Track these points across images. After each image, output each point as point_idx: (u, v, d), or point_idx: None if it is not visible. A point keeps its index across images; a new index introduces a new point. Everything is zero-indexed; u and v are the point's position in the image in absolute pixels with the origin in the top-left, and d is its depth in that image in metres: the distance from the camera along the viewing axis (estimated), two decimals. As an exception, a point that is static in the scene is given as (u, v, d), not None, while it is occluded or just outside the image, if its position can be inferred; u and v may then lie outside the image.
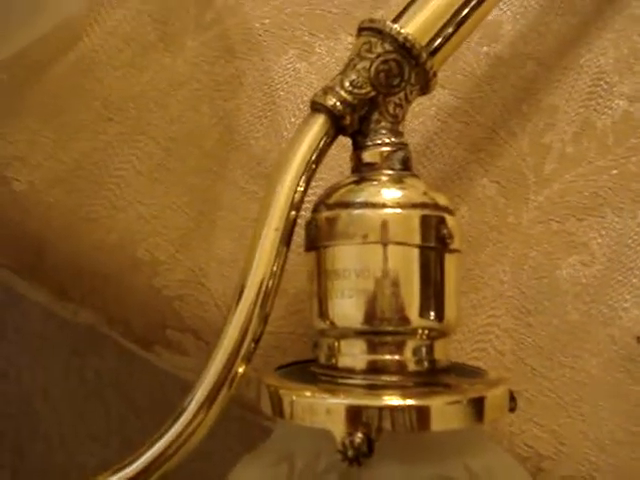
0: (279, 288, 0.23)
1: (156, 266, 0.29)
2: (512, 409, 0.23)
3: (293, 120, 0.30)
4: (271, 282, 0.23)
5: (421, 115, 0.30)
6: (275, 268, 0.23)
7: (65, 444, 0.60)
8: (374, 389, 0.22)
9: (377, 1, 0.31)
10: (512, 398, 0.23)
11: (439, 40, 0.24)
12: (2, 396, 0.61)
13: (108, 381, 0.59)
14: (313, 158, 0.23)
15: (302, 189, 0.23)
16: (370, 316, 0.22)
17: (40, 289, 0.32)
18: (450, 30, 0.24)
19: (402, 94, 0.24)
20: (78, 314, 0.32)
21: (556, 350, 0.28)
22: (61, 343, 0.60)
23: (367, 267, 0.22)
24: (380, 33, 0.23)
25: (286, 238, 0.23)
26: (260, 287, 0.22)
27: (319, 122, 0.23)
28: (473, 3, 0.25)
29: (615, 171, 0.29)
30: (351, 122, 0.23)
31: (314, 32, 0.31)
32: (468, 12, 0.25)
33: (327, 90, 0.23)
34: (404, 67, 0.23)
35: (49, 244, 0.30)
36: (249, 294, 0.22)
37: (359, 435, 0.20)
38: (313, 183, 0.24)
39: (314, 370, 0.23)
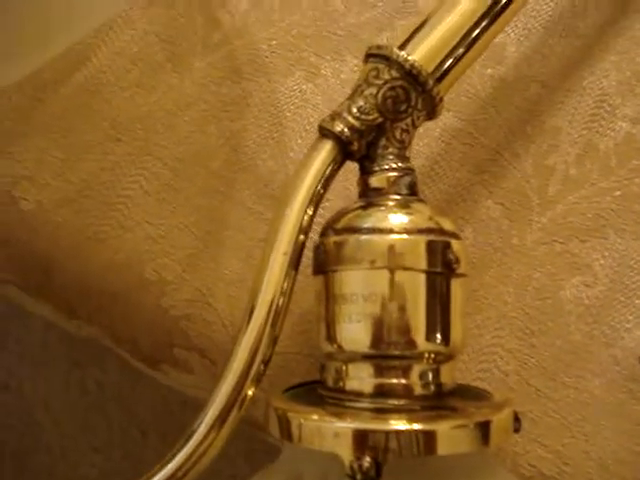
0: (288, 309, 0.23)
1: (163, 286, 0.29)
2: (517, 430, 0.23)
3: (299, 141, 0.30)
4: (281, 304, 0.23)
5: (425, 137, 0.30)
6: (284, 290, 0.23)
7: (67, 456, 0.60)
8: (381, 413, 0.22)
9: (383, 24, 0.31)
10: (516, 419, 0.23)
11: (445, 66, 0.24)
12: (3, 407, 0.61)
13: (110, 393, 0.59)
14: (321, 183, 0.23)
15: (310, 213, 0.23)
16: (377, 340, 0.22)
17: (47, 307, 0.32)
18: (456, 56, 0.25)
19: (409, 120, 0.24)
20: (82, 328, 0.32)
21: (559, 370, 0.28)
22: (63, 355, 0.60)
23: (374, 292, 0.22)
24: (387, 60, 0.24)
25: (295, 262, 0.23)
26: (270, 309, 0.23)
27: (327, 148, 0.24)
28: (479, 29, 0.25)
29: (618, 192, 0.29)
30: (359, 148, 0.24)
31: (320, 54, 0.31)
32: (474, 38, 0.25)
33: (335, 116, 0.24)
34: (411, 93, 0.24)
35: (57, 263, 0.30)
36: (259, 317, 0.23)
37: (367, 459, 0.20)
38: (321, 205, 0.24)
39: (322, 393, 0.24)
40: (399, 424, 0.21)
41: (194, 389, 0.31)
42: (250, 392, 0.22)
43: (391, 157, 0.24)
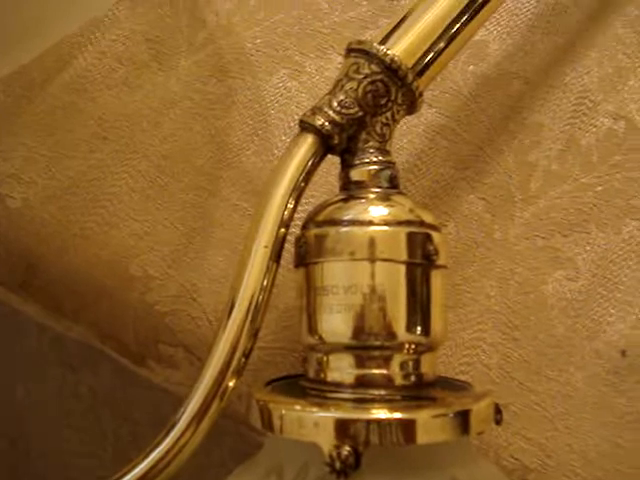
0: (269, 303, 0.23)
1: (149, 282, 0.30)
2: (498, 422, 0.24)
3: (284, 138, 0.31)
4: (261, 297, 0.23)
5: (409, 133, 0.31)
6: (265, 284, 0.23)
7: (60, 461, 0.60)
8: (362, 403, 0.22)
9: (366, 21, 0.32)
10: (498, 411, 0.24)
11: (425, 61, 0.25)
12: (-4, 412, 0.61)
13: (103, 397, 0.59)
14: (302, 177, 0.24)
15: (291, 207, 0.24)
16: (358, 331, 0.22)
17: (33, 304, 0.32)
18: (436, 51, 0.25)
19: (389, 114, 0.24)
20: (72, 329, 0.32)
21: (542, 364, 0.28)
22: (55, 359, 0.60)
23: (355, 283, 0.22)
24: (367, 54, 0.24)
25: (276, 255, 0.23)
26: (250, 302, 0.23)
27: (308, 142, 0.24)
28: (459, 24, 0.25)
29: (600, 188, 0.30)
30: (339, 141, 0.24)
31: (304, 52, 0.32)
32: (454, 33, 0.25)
33: (316, 110, 0.24)
34: (391, 88, 0.24)
35: (43, 260, 0.30)
36: (239, 309, 0.23)
37: (346, 448, 0.20)
38: (302, 200, 0.24)
39: (303, 384, 0.24)
40: (379, 413, 0.21)
41: (182, 387, 0.31)
42: (231, 384, 0.23)
43: (372, 151, 0.24)
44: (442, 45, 0.25)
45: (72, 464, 0.60)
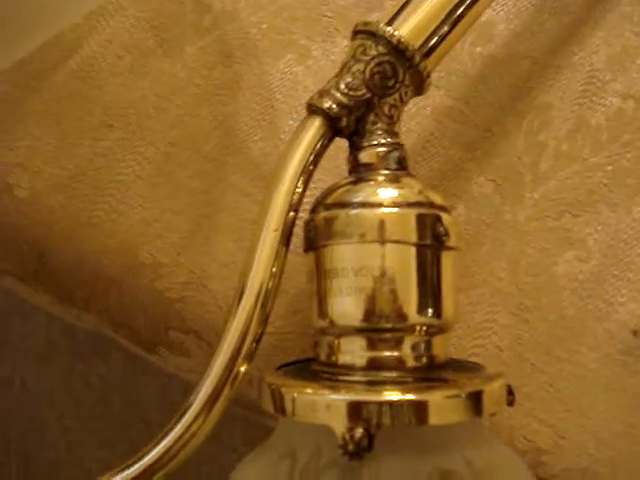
0: (279, 288, 0.23)
1: (158, 269, 0.30)
2: (510, 403, 0.23)
3: (291, 123, 0.30)
4: (271, 282, 0.23)
5: (417, 115, 0.30)
6: (275, 268, 0.23)
7: (71, 450, 0.60)
8: (374, 385, 0.22)
9: (372, 4, 0.31)
10: (510, 392, 0.23)
11: (432, 41, 0.24)
12: (8, 403, 0.61)
13: (113, 386, 0.59)
14: (310, 160, 0.23)
15: (300, 190, 0.23)
16: (369, 314, 0.22)
17: (43, 294, 0.32)
18: (443, 31, 0.25)
19: (397, 95, 0.24)
20: (81, 318, 0.32)
21: (554, 345, 0.28)
22: (65, 349, 0.60)
23: (365, 265, 0.22)
24: (374, 36, 0.24)
25: (285, 239, 0.23)
26: (260, 287, 0.23)
27: (316, 124, 0.24)
28: (466, 4, 0.25)
29: (610, 167, 0.29)
30: (347, 124, 0.24)
31: (310, 36, 0.31)
32: (461, 13, 0.25)
33: (323, 93, 0.24)
34: (398, 69, 0.24)
35: (52, 249, 0.30)
36: (249, 294, 0.23)
37: (359, 430, 0.20)
38: (311, 184, 0.24)
39: (315, 368, 0.24)
40: (392, 395, 0.21)
41: (193, 374, 0.31)
42: (242, 369, 0.23)
43: (380, 132, 0.24)
44: (449, 26, 0.25)
45: (84, 453, 0.60)
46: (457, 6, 0.25)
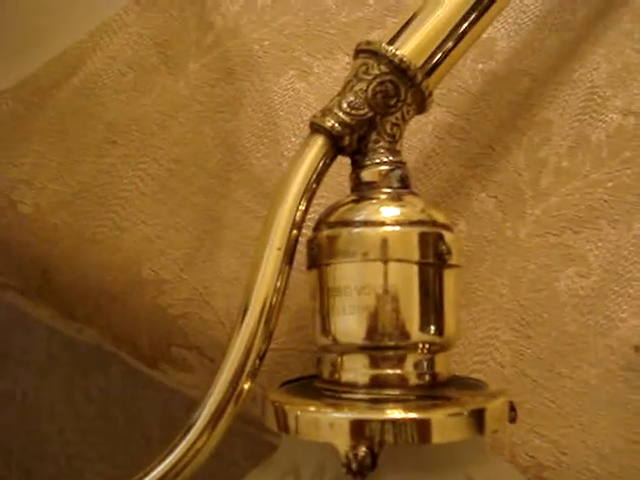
0: (282, 305, 0.24)
1: (161, 285, 0.30)
2: (512, 420, 0.24)
3: (293, 139, 0.31)
4: (274, 300, 0.23)
5: (418, 132, 0.31)
6: (278, 286, 0.23)
7: (72, 464, 0.60)
8: (376, 403, 0.22)
9: (374, 22, 0.32)
10: (512, 409, 0.24)
11: (434, 60, 0.25)
12: (9, 416, 0.61)
13: (114, 400, 0.59)
14: (313, 178, 0.24)
15: (303, 208, 0.24)
16: (371, 332, 0.22)
17: (45, 308, 0.32)
18: (445, 50, 0.25)
19: (399, 114, 0.24)
20: (82, 332, 0.33)
21: (555, 361, 0.28)
22: (66, 362, 0.60)
23: (368, 284, 0.22)
24: (376, 55, 0.24)
25: (288, 257, 0.23)
26: (264, 305, 0.23)
27: (318, 143, 0.24)
28: (467, 24, 0.25)
29: (610, 184, 0.30)
30: (350, 142, 0.24)
31: (312, 53, 0.32)
32: (462, 32, 0.25)
33: (326, 112, 0.24)
34: (400, 88, 0.24)
35: (55, 265, 0.30)
36: (253, 312, 0.23)
37: (362, 449, 0.20)
38: (314, 202, 0.24)
39: (318, 385, 0.24)
40: (394, 413, 0.21)
41: (196, 390, 0.31)
42: (246, 386, 0.23)
43: (382, 151, 0.24)
44: (450, 44, 0.25)
45: (84, 467, 0.60)
46: (458, 25, 0.25)
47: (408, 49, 0.24)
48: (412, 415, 0.21)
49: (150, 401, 0.57)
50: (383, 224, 0.23)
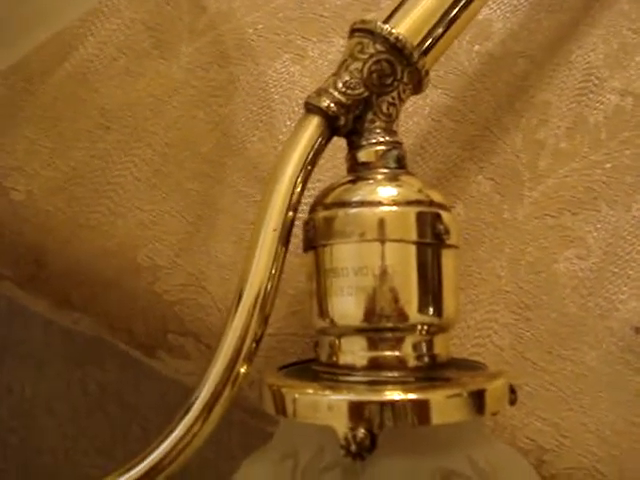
0: (278, 289, 0.23)
1: (156, 271, 0.29)
2: (512, 402, 0.23)
3: (288, 123, 0.30)
4: (270, 283, 0.23)
5: (415, 115, 0.30)
6: (274, 269, 0.23)
7: (70, 457, 0.60)
8: (375, 385, 0.22)
9: (368, 4, 0.31)
10: (512, 391, 0.23)
11: (430, 39, 0.24)
12: (6, 410, 0.61)
13: (111, 392, 0.59)
14: (309, 159, 0.23)
15: (299, 190, 0.23)
16: (369, 313, 0.22)
17: (41, 299, 0.32)
18: (441, 29, 0.25)
19: (395, 93, 0.24)
20: (79, 323, 0.32)
21: (555, 344, 0.28)
22: (64, 355, 0.60)
23: (365, 265, 0.22)
24: (372, 34, 0.24)
25: (284, 239, 0.23)
26: (259, 288, 0.23)
27: (314, 123, 0.24)
28: (463, 2, 0.25)
29: (609, 165, 0.29)
30: (345, 122, 0.24)
31: (307, 36, 0.31)
32: (458, 11, 0.25)
33: (321, 92, 0.24)
34: (396, 67, 0.24)
35: (49, 253, 0.30)
36: (249, 295, 0.23)
37: (361, 430, 0.20)
38: (310, 184, 0.24)
39: (316, 368, 0.24)
40: (393, 395, 0.21)
41: (193, 377, 0.31)
42: (242, 370, 0.22)
43: (378, 131, 0.24)
44: (447, 23, 0.25)
45: (82, 460, 0.60)
46: (455, 3, 0.25)
47: (404, 28, 0.24)
48: (411, 396, 0.21)
49: (148, 393, 0.56)
50: (380, 204, 0.22)
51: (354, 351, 0.23)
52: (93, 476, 0.59)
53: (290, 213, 0.23)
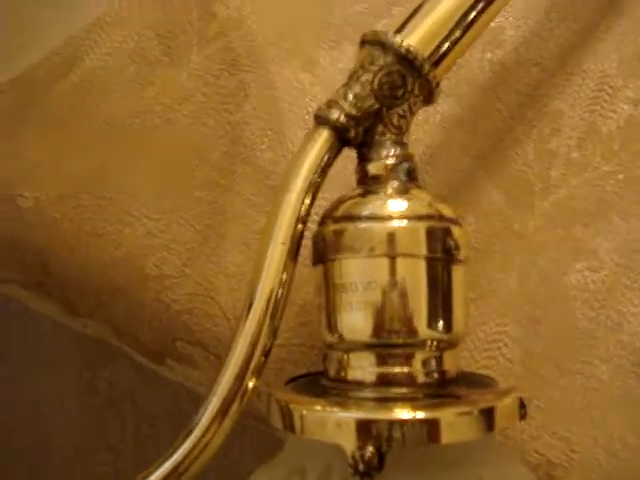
0: (287, 301, 0.23)
1: (164, 280, 0.29)
2: (522, 416, 0.23)
3: (298, 132, 0.30)
4: (280, 295, 0.23)
5: (426, 124, 0.30)
6: (283, 282, 0.23)
7: (80, 457, 0.60)
8: (384, 402, 0.22)
9: (379, 11, 0.31)
10: (522, 405, 0.23)
11: (442, 50, 0.24)
12: (18, 411, 0.61)
13: (121, 392, 0.59)
14: (318, 172, 0.23)
15: (308, 202, 0.23)
16: (378, 329, 0.22)
17: (49, 304, 0.32)
18: (452, 40, 0.24)
19: (406, 105, 0.24)
20: (87, 326, 0.32)
21: (565, 357, 0.28)
22: (73, 356, 0.60)
23: (374, 280, 0.22)
24: (382, 45, 0.23)
25: (293, 252, 0.23)
26: (269, 301, 0.22)
27: (323, 136, 0.23)
28: (475, 13, 0.25)
29: (621, 176, 0.29)
30: (355, 135, 0.23)
31: (317, 43, 0.31)
32: (470, 22, 0.25)
33: (331, 104, 0.23)
34: (407, 79, 0.23)
35: (56, 260, 0.30)
36: (258, 308, 0.22)
37: (370, 449, 0.20)
38: (319, 195, 0.24)
39: (324, 383, 0.23)
40: (402, 413, 0.21)
41: (202, 387, 0.31)
42: (251, 384, 0.22)
43: (388, 144, 0.24)
44: (458, 34, 0.24)
45: (93, 459, 0.60)
46: (466, 14, 0.25)
47: (415, 39, 0.24)
48: (420, 414, 0.21)
49: (157, 392, 0.56)
50: (390, 219, 0.22)
51: (363, 367, 0.22)
52: (103, 475, 0.59)
53: (299, 226, 0.23)
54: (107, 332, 0.31)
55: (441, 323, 0.22)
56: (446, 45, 0.24)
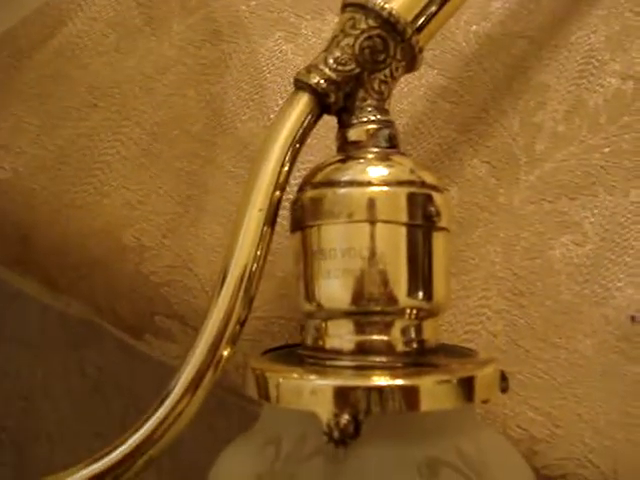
0: (265, 270, 0.23)
1: (143, 252, 0.29)
2: (504, 390, 0.23)
3: (280, 102, 0.30)
4: (255, 264, 0.22)
5: (410, 95, 0.30)
6: (259, 250, 0.22)
7: (66, 441, 0.60)
8: (362, 370, 0.21)
9: (363, -19, 0.31)
10: (504, 378, 0.23)
11: (425, 15, 0.24)
12: (2, 394, 0.61)
13: (108, 376, 0.59)
14: (297, 137, 0.23)
15: (286, 169, 0.23)
16: (357, 296, 0.21)
17: (30, 280, 0.31)
18: (436, 6, 0.24)
19: (387, 70, 0.23)
20: (71, 306, 0.32)
21: (549, 331, 0.27)
22: (60, 339, 0.59)
23: (353, 246, 0.21)
24: (364, 8, 0.23)
25: (270, 219, 0.22)
26: (244, 269, 0.22)
27: (303, 101, 0.23)
28: (459, -22, 0.24)
29: (607, 149, 0.29)
30: (336, 100, 0.23)
31: (300, 13, 0.31)
32: (454, -13, 0.24)
33: (311, 68, 0.23)
34: (389, 43, 0.23)
35: (35, 232, 0.29)
36: (233, 276, 0.22)
37: (345, 416, 0.19)
38: (299, 166, 0.23)
39: (301, 352, 0.23)
40: (380, 380, 0.20)
41: (179, 361, 0.30)
42: (226, 353, 0.22)
43: (369, 109, 0.23)
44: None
45: (79, 444, 0.59)
46: (451, -21, 0.24)
47: (397, 3, 0.23)
48: (399, 382, 0.20)
49: (144, 374, 0.56)
50: (370, 184, 0.22)
51: (341, 335, 0.22)
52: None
53: (277, 193, 0.22)
54: (88, 308, 0.31)
55: (421, 291, 0.22)
56: (430, 10, 0.24)
